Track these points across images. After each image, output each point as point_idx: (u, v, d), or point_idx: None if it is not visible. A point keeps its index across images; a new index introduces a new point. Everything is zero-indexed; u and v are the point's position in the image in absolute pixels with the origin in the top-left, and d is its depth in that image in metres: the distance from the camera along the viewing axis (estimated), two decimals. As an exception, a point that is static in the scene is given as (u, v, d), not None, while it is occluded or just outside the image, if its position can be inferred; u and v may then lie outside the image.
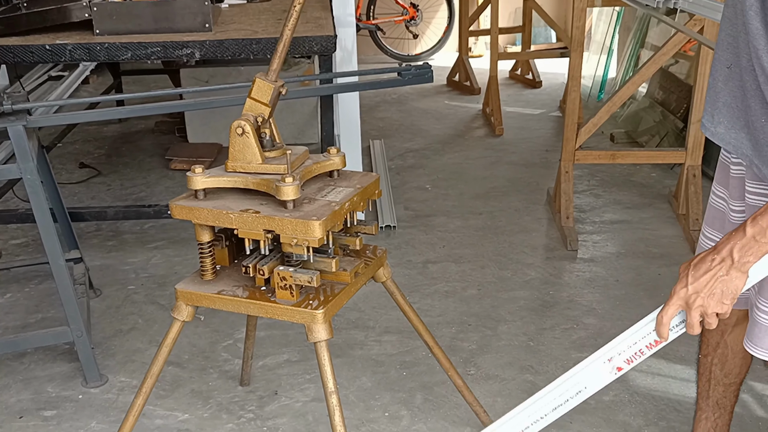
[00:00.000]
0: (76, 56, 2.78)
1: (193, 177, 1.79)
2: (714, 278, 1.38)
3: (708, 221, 1.81)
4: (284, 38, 1.80)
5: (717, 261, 1.38)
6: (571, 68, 3.58)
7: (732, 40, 1.54)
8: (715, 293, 1.38)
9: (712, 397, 2.00)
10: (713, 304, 1.39)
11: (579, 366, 1.54)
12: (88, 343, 2.56)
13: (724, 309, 1.40)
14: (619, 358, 1.51)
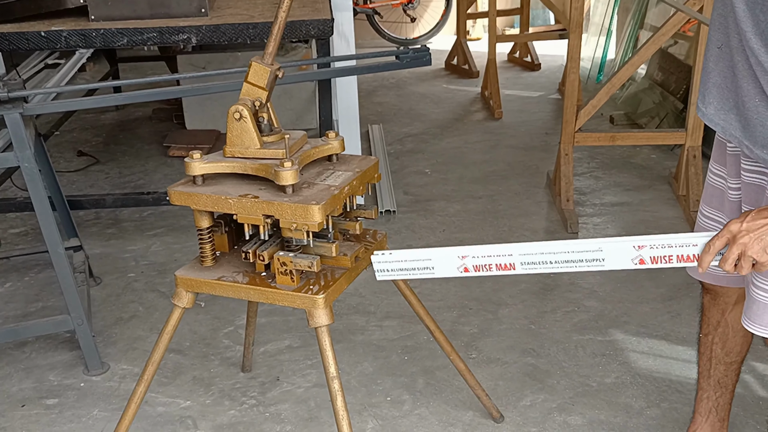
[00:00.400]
0: (71, 43, 2.77)
1: (191, 163, 1.78)
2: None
3: (705, 199, 1.81)
4: (279, 21, 1.78)
5: None
6: (570, 50, 3.56)
7: (723, 20, 1.54)
8: (764, 239, 1.38)
9: (713, 377, 2.00)
10: (756, 248, 1.39)
11: (609, 239, 1.54)
12: (89, 332, 2.56)
13: (763, 258, 1.40)
14: (648, 250, 1.51)
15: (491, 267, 1.60)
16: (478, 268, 1.61)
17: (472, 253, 1.61)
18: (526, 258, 1.58)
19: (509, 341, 2.72)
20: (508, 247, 1.59)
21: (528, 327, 2.80)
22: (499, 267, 1.60)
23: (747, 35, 1.44)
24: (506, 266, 1.60)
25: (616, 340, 2.70)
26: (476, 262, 1.61)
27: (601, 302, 2.92)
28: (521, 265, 1.59)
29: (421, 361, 2.63)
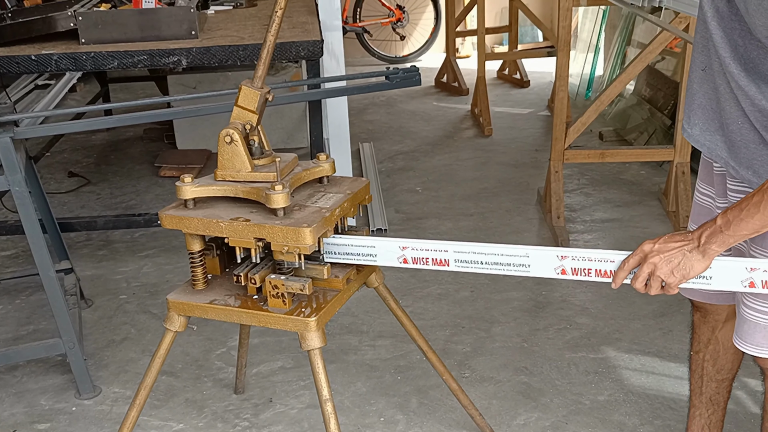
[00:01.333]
0: (62, 66, 2.77)
1: (182, 187, 1.79)
2: (679, 249, 1.48)
3: (694, 218, 1.83)
4: (268, 44, 1.79)
5: (689, 238, 1.48)
6: (558, 68, 3.59)
7: (705, 43, 1.56)
8: (672, 261, 1.47)
9: (705, 394, 2.01)
10: (665, 269, 1.48)
11: (537, 247, 1.64)
12: (80, 355, 2.55)
13: (671, 280, 1.48)
14: (570, 261, 1.61)
15: (428, 261, 1.72)
16: (416, 260, 1.73)
17: (411, 245, 1.73)
18: (459, 256, 1.69)
19: (502, 359, 2.72)
20: (444, 244, 1.70)
21: (521, 345, 2.80)
22: (435, 261, 1.72)
23: (725, 60, 1.46)
24: (441, 262, 1.71)
25: (608, 357, 2.70)
26: (415, 255, 1.73)
27: (593, 319, 2.93)
28: (455, 262, 1.70)
29: (414, 380, 2.62)
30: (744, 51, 1.43)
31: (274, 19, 1.77)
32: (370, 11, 7.13)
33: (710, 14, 1.48)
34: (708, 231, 1.46)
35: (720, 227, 1.44)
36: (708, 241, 1.45)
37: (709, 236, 1.45)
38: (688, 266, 1.47)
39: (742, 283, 1.52)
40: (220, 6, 3.61)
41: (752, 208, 1.39)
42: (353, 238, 1.81)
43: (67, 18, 2.88)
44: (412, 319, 2.14)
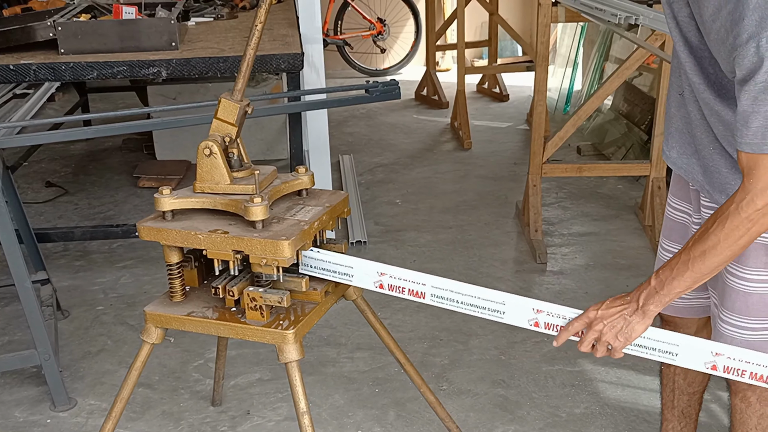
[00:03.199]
0: (40, 76, 2.76)
1: (160, 198, 1.79)
2: (620, 314, 1.53)
3: (665, 233, 1.86)
4: (247, 58, 1.80)
5: (628, 301, 1.54)
6: (537, 82, 3.62)
7: (679, 70, 1.60)
8: (615, 326, 1.53)
9: (677, 407, 2.03)
10: (610, 334, 1.54)
11: (514, 296, 1.66)
12: (55, 366, 2.53)
13: (616, 344, 1.54)
14: (544, 316, 1.64)
15: (404, 290, 1.74)
16: (393, 288, 1.75)
17: (390, 272, 1.75)
18: (436, 291, 1.71)
19: (480, 372, 2.73)
20: (424, 277, 1.72)
21: (498, 358, 2.82)
22: (411, 292, 1.73)
23: (698, 87, 1.49)
24: (417, 293, 1.73)
25: (584, 370, 2.72)
26: (392, 282, 1.75)
27: (570, 332, 2.95)
28: (431, 296, 1.72)
29: (392, 392, 2.63)
30: (715, 78, 1.46)
31: (254, 32, 1.78)
32: (351, 24, 7.16)
33: (680, 44, 1.51)
34: (644, 293, 1.52)
35: (655, 288, 1.50)
36: (646, 303, 1.52)
37: (646, 298, 1.52)
38: (630, 330, 1.53)
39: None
40: (200, 18, 3.61)
41: (681, 267, 1.45)
42: (333, 255, 1.82)
43: (47, 28, 2.86)
44: (391, 331, 2.15)
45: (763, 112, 1.29)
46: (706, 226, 1.42)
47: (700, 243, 1.42)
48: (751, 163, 1.33)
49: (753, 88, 1.28)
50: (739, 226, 1.37)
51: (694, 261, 1.43)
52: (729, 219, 1.37)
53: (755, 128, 1.30)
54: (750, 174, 1.34)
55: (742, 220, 1.36)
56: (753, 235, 1.38)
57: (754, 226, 1.36)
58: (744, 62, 1.27)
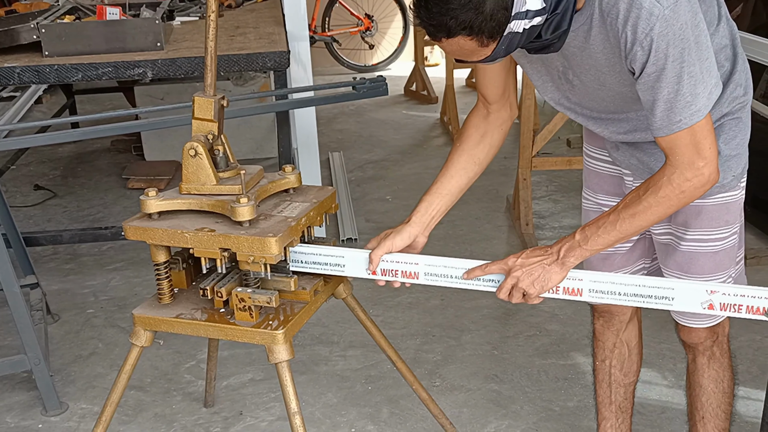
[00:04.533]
0: (25, 79, 2.74)
1: (146, 201, 1.77)
2: (539, 263, 1.58)
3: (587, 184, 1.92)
4: (209, 50, 1.79)
5: (548, 252, 1.59)
6: (525, 77, 3.61)
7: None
8: (533, 274, 1.58)
9: (614, 402, 2.06)
10: (527, 281, 1.58)
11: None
12: (46, 371, 2.52)
13: (531, 291, 1.59)
14: None
15: (397, 273, 1.74)
16: (385, 272, 1.74)
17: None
18: (429, 269, 1.72)
19: (472, 367, 2.73)
20: (416, 257, 1.73)
21: (491, 353, 2.81)
22: (404, 274, 1.74)
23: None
24: (411, 274, 1.73)
25: (577, 363, 2.72)
26: (384, 266, 1.74)
27: (563, 325, 2.95)
28: (424, 275, 1.72)
29: (385, 390, 2.62)
30: None
31: (208, 23, 1.77)
32: (339, 20, 7.14)
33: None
34: (567, 245, 1.57)
35: (578, 242, 1.56)
36: (566, 255, 1.57)
37: (568, 250, 1.57)
38: (546, 278, 1.58)
39: (702, 306, 1.60)
40: (186, 17, 3.59)
41: (609, 226, 1.53)
42: (322, 248, 1.81)
43: (30, 30, 2.85)
44: (383, 328, 2.15)
45: (661, 97, 1.40)
46: (638, 193, 1.51)
47: (630, 206, 1.51)
48: (669, 144, 1.45)
49: (647, 79, 1.39)
50: (670, 194, 1.47)
51: (623, 222, 1.51)
52: (662, 188, 1.47)
53: (660, 113, 1.42)
54: (672, 152, 1.45)
55: (674, 189, 1.46)
56: (680, 205, 1.50)
57: (684, 197, 1.48)
58: (636, 63, 1.39)
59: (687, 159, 1.44)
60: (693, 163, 1.44)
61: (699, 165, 1.44)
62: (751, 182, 1.70)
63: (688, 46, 1.36)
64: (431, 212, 1.79)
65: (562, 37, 1.40)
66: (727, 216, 1.67)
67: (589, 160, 1.87)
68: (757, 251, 3.26)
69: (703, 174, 1.45)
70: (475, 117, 1.79)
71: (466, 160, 1.79)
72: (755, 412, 2.39)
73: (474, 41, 1.31)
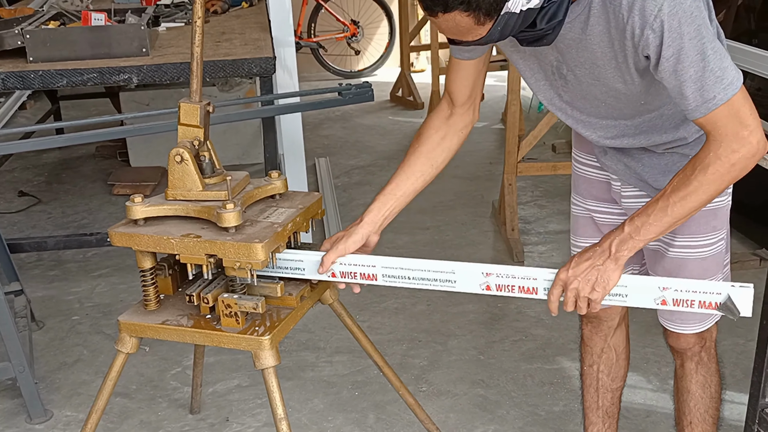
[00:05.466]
0: (9, 85, 2.74)
1: (132, 207, 1.77)
2: (592, 266, 1.53)
3: (577, 231, 1.91)
4: (195, 56, 1.79)
5: (598, 252, 1.54)
6: (510, 82, 3.63)
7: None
8: (590, 279, 1.53)
9: (601, 407, 2.07)
10: (587, 288, 1.54)
11: (462, 263, 1.67)
12: (31, 378, 2.50)
13: (595, 296, 1.54)
14: (494, 278, 1.64)
15: (356, 275, 1.74)
16: (344, 274, 1.74)
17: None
18: (387, 271, 1.72)
19: (459, 372, 2.73)
20: (373, 259, 1.72)
21: (477, 357, 2.82)
22: (363, 276, 1.73)
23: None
24: (369, 276, 1.73)
25: (563, 367, 2.73)
26: (342, 269, 1.74)
27: (548, 330, 2.96)
28: (383, 277, 1.72)
29: (371, 395, 2.62)
30: None
31: (195, 29, 1.77)
32: (325, 26, 7.14)
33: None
34: (617, 239, 1.53)
35: (630, 234, 1.51)
36: (619, 249, 1.52)
37: (619, 244, 1.52)
38: (605, 278, 1.53)
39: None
40: (171, 23, 3.58)
41: (659, 213, 1.48)
42: (285, 253, 1.80)
43: (15, 36, 2.84)
44: (370, 333, 2.15)
45: (689, 77, 1.36)
46: (685, 173, 1.46)
47: (680, 189, 1.46)
48: (709, 122, 1.40)
49: (667, 64, 1.36)
50: (719, 169, 1.41)
51: (674, 206, 1.46)
52: (711, 165, 1.42)
53: (692, 95, 1.38)
54: (714, 128, 1.40)
55: (723, 164, 1.41)
56: (731, 180, 1.44)
57: (734, 170, 1.42)
58: (650, 48, 1.35)
59: (731, 131, 1.38)
60: (737, 134, 1.38)
61: (744, 134, 1.38)
62: (734, 187, 1.71)
63: (703, 23, 1.33)
64: (384, 212, 1.78)
65: (556, 28, 1.37)
66: (714, 222, 1.68)
67: (578, 166, 1.87)
68: (741, 255, 3.29)
69: (751, 143, 1.39)
70: (436, 118, 1.79)
71: (423, 163, 1.79)
72: (739, 416, 2.41)
73: (470, 18, 1.28)
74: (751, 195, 3.37)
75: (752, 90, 3.43)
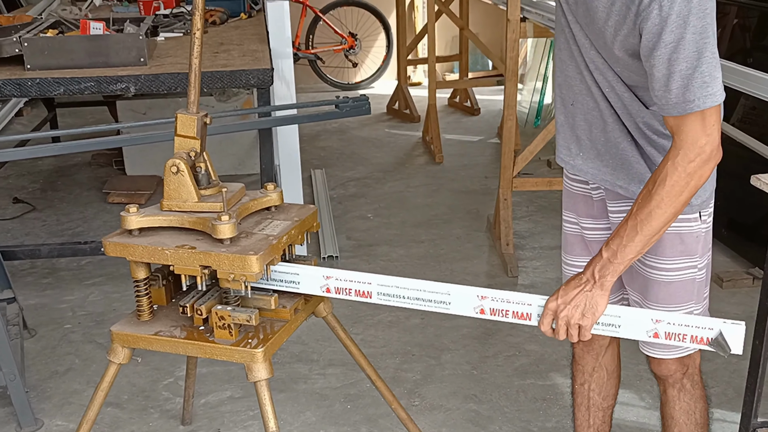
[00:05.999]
0: (6, 92, 2.74)
1: (127, 217, 1.77)
2: (580, 293, 1.56)
3: (567, 248, 1.90)
4: (193, 68, 1.79)
5: (583, 280, 1.56)
6: (507, 97, 3.65)
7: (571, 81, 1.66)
8: (579, 306, 1.55)
9: (592, 426, 2.07)
10: (577, 315, 1.56)
11: (457, 286, 1.68)
12: (21, 387, 2.49)
13: (585, 322, 1.56)
14: (489, 302, 1.66)
15: (351, 291, 1.74)
16: (339, 290, 1.75)
17: (335, 275, 1.75)
18: (382, 289, 1.72)
19: (452, 387, 2.73)
20: (369, 276, 1.72)
21: (470, 372, 2.82)
22: (358, 293, 1.74)
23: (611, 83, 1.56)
24: (364, 293, 1.73)
25: (556, 384, 2.73)
26: (338, 285, 1.75)
27: (542, 346, 2.96)
28: (377, 294, 1.72)
29: (364, 409, 2.62)
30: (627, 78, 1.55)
31: (193, 40, 1.78)
32: (323, 38, 7.17)
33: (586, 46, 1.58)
34: (598, 266, 1.54)
35: (608, 259, 1.53)
36: (602, 275, 1.54)
37: (601, 270, 1.54)
38: (593, 305, 1.55)
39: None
40: (170, 33, 3.59)
41: (630, 232, 1.49)
42: (280, 266, 1.80)
43: (13, 44, 2.84)
44: (363, 346, 2.15)
45: (678, 71, 1.34)
46: (647, 189, 1.47)
47: (644, 206, 1.47)
48: (678, 123, 1.40)
49: (664, 50, 1.34)
50: (678, 180, 1.42)
51: (642, 224, 1.47)
52: (668, 176, 1.43)
53: (676, 90, 1.36)
54: (679, 132, 1.41)
55: (680, 174, 1.42)
56: (693, 189, 1.44)
57: (692, 179, 1.43)
58: (648, 25, 1.33)
59: (692, 138, 1.39)
60: (696, 142, 1.39)
61: (702, 143, 1.39)
62: (727, 205, 1.71)
63: (711, 23, 1.31)
64: None
65: None
66: (681, 246, 1.65)
67: (567, 181, 1.87)
68: (733, 274, 3.29)
69: (705, 151, 1.40)
70: None
71: None
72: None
73: None
74: (743, 214, 3.38)
75: (746, 109, 3.45)
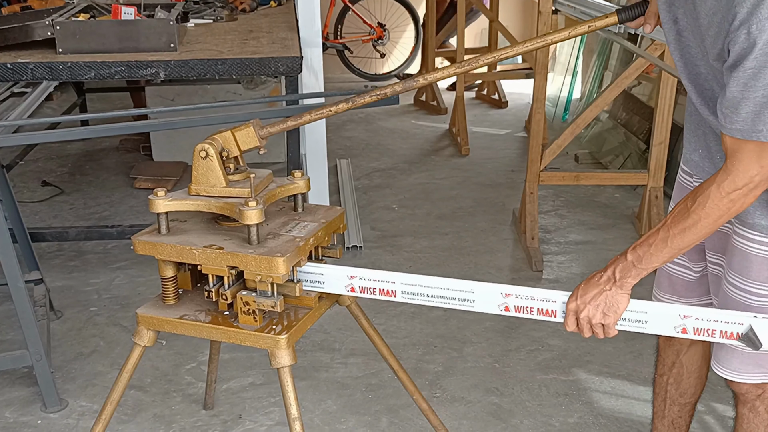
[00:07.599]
0: (38, 75, 2.75)
1: (155, 200, 1.77)
2: (600, 292, 1.56)
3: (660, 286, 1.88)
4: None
5: (603, 279, 1.56)
6: (536, 90, 3.61)
7: None
8: (600, 306, 1.56)
9: (667, 417, 2.03)
10: (598, 314, 1.56)
11: (481, 283, 1.68)
12: (47, 367, 2.52)
13: (607, 321, 1.56)
14: (513, 299, 1.66)
15: (375, 291, 1.76)
16: (364, 290, 1.77)
17: (359, 275, 1.76)
18: (406, 288, 1.73)
19: (473, 380, 2.72)
20: (392, 275, 1.74)
21: (492, 365, 2.80)
22: (382, 292, 1.75)
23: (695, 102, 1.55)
24: (388, 292, 1.75)
25: (579, 379, 2.71)
26: (362, 284, 1.76)
27: (565, 341, 2.94)
28: (401, 293, 1.74)
29: (385, 399, 2.62)
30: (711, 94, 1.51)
31: None
32: (351, 28, 7.16)
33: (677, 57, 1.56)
34: (620, 266, 1.55)
35: (632, 262, 1.53)
36: (623, 276, 1.54)
37: (623, 271, 1.54)
38: (614, 303, 1.55)
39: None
40: (200, 20, 3.60)
41: (660, 244, 1.50)
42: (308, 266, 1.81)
43: (45, 27, 2.86)
44: (385, 337, 2.14)
45: (753, 98, 1.32)
46: (686, 205, 1.46)
47: (679, 221, 1.47)
48: (735, 146, 1.38)
49: (742, 74, 1.32)
50: (719, 204, 1.42)
51: (673, 238, 1.48)
52: (710, 198, 1.43)
53: (745, 114, 1.34)
54: (733, 156, 1.39)
55: (722, 199, 1.41)
56: (731, 214, 1.44)
57: (734, 206, 1.42)
58: (735, 47, 1.31)
59: (744, 167, 1.38)
60: (748, 170, 1.38)
61: (752, 173, 1.38)
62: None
63: None
64: None
65: None
66: None
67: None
68: None
69: (754, 181, 1.39)
70: None
71: None
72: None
73: None
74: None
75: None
